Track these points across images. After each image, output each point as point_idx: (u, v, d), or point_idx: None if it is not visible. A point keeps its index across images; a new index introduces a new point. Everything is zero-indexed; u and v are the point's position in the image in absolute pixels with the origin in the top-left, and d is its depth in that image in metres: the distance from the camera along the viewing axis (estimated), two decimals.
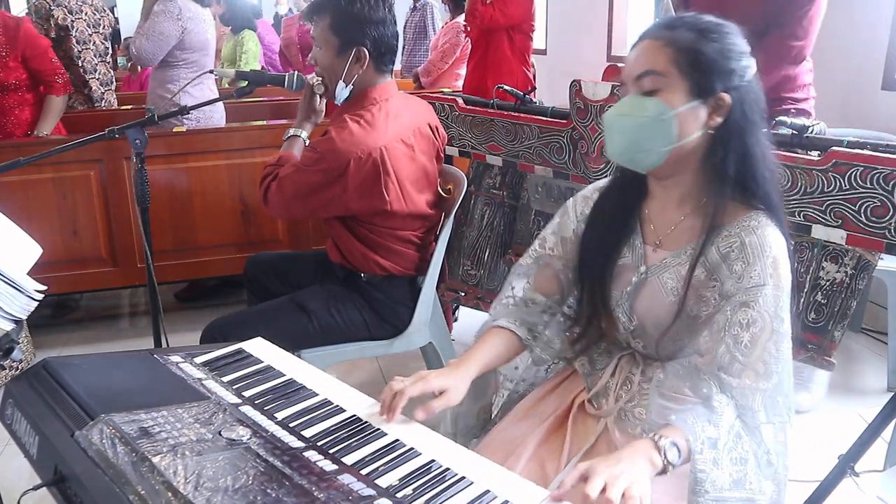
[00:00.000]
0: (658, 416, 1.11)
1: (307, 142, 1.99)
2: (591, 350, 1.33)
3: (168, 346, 2.04)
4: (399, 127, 1.86)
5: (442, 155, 2.08)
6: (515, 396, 1.40)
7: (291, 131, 1.99)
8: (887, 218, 1.50)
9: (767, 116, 1.20)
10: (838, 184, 1.56)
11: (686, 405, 1.07)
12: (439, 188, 2.05)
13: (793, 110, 2.16)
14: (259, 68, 5.32)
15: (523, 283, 1.35)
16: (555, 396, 1.32)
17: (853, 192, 1.54)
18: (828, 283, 1.65)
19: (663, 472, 0.99)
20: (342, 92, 1.89)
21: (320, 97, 1.97)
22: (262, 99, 3.77)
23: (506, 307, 1.35)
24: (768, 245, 1.10)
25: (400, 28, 5.87)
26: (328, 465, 0.95)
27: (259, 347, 1.34)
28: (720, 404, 1.05)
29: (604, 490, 0.90)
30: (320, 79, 1.92)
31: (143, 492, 0.84)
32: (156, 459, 0.89)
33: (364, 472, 0.95)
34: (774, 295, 1.08)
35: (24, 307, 1.12)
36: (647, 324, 1.22)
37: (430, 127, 2.00)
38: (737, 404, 1.06)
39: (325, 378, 1.22)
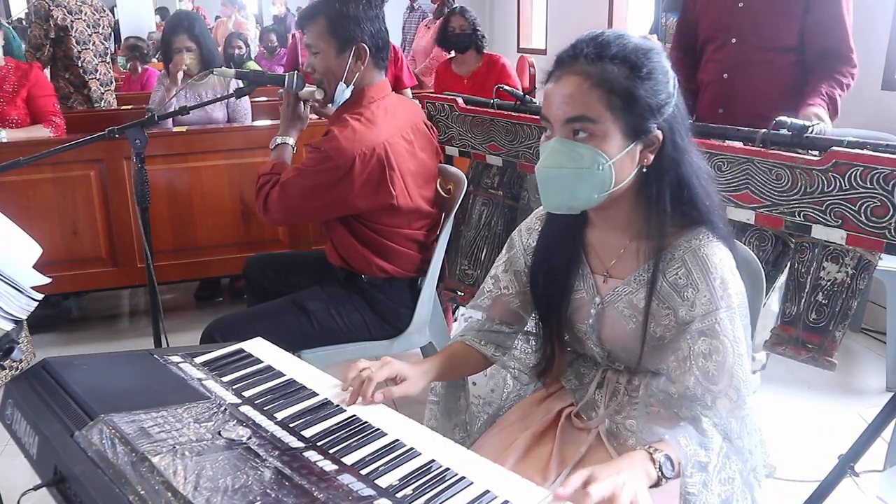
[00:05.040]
0: (649, 435, 1.11)
1: (295, 148, 2.00)
2: (576, 365, 1.33)
3: (168, 346, 2.04)
4: (398, 123, 1.88)
5: (440, 151, 2.08)
6: (502, 413, 1.40)
7: (278, 139, 1.99)
8: (887, 218, 1.50)
9: None
10: (838, 184, 1.56)
11: (675, 425, 1.08)
12: (439, 188, 2.05)
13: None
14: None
15: (482, 317, 1.35)
16: (542, 407, 1.32)
17: (853, 192, 1.54)
18: (829, 284, 1.65)
19: (657, 484, 0.99)
20: (343, 93, 1.90)
21: (306, 104, 1.97)
22: (262, 99, 3.77)
23: (469, 328, 1.35)
24: (713, 265, 1.08)
25: (399, 28, 5.90)
26: (328, 465, 0.95)
27: (259, 347, 1.34)
28: (709, 427, 1.05)
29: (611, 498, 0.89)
30: (314, 88, 1.92)
31: (142, 492, 0.84)
32: (155, 459, 0.89)
33: (364, 472, 0.95)
34: (729, 317, 1.06)
35: (24, 307, 1.11)
36: (617, 349, 1.23)
37: (426, 124, 2.02)
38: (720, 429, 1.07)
39: (325, 378, 1.22)
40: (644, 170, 1.09)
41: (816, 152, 1.66)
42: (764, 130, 1.74)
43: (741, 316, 1.08)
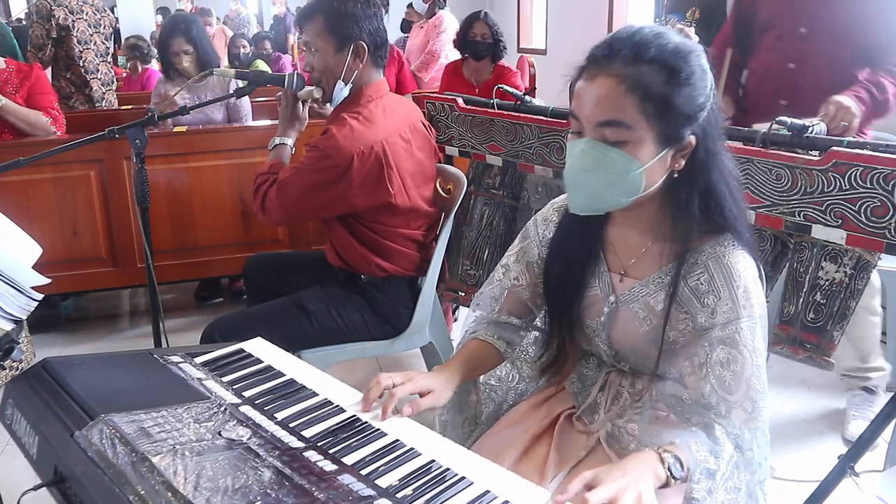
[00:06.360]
0: (655, 440, 1.10)
1: (293, 149, 2.00)
2: (580, 366, 1.32)
3: (168, 346, 2.05)
4: (396, 122, 1.89)
5: (438, 151, 2.08)
6: (506, 406, 1.40)
7: (277, 140, 1.99)
8: (887, 218, 1.50)
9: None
10: (838, 184, 1.56)
11: (686, 430, 1.07)
12: (439, 188, 2.05)
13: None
14: None
15: (491, 308, 1.33)
16: (543, 409, 1.31)
17: (853, 192, 1.54)
18: (827, 283, 1.65)
19: (666, 485, 0.99)
20: (341, 92, 1.90)
21: (304, 104, 1.97)
22: (262, 99, 3.77)
23: (480, 322, 1.34)
24: (737, 274, 1.07)
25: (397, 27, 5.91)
26: (328, 466, 0.95)
27: (259, 347, 1.34)
28: (722, 435, 1.05)
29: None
30: (313, 88, 1.92)
31: (142, 492, 0.84)
32: (156, 459, 0.89)
33: (364, 472, 0.95)
34: (749, 327, 1.05)
35: (24, 307, 1.11)
36: (626, 350, 1.22)
37: (423, 124, 2.02)
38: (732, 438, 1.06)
39: (325, 378, 1.22)
40: (675, 175, 1.07)
41: (816, 152, 1.66)
42: (764, 130, 1.74)
43: (762, 326, 1.07)
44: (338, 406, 1.12)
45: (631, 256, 1.18)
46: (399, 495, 0.90)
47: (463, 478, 0.95)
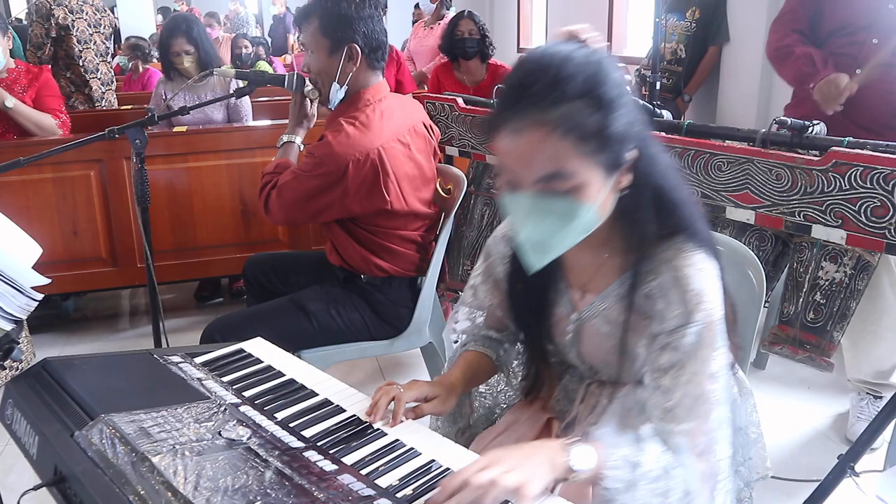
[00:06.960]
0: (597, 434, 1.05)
1: (302, 147, 2.00)
2: (565, 380, 1.29)
3: (168, 346, 2.05)
4: (394, 126, 1.87)
5: (439, 152, 2.08)
6: (498, 411, 1.39)
7: (285, 138, 1.99)
8: (887, 218, 1.50)
9: None
10: (838, 184, 1.56)
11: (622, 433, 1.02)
12: (439, 188, 2.05)
13: None
14: None
15: (468, 324, 1.32)
16: (532, 412, 1.28)
17: (853, 192, 1.54)
18: (827, 284, 1.65)
19: (564, 479, 0.94)
20: (337, 94, 1.89)
21: (312, 102, 1.97)
22: (262, 99, 3.78)
23: (467, 336, 1.33)
24: (689, 277, 1.00)
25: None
26: (328, 465, 0.95)
27: (259, 347, 1.34)
28: (648, 432, 0.99)
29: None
30: (311, 86, 1.92)
31: (142, 492, 0.84)
32: (156, 459, 0.89)
33: (364, 472, 0.95)
34: (696, 332, 0.99)
35: (23, 307, 1.11)
36: (598, 363, 1.19)
37: (425, 125, 2.01)
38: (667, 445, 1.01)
39: (325, 378, 1.22)
40: (625, 192, 1.02)
41: (816, 152, 1.67)
42: (764, 130, 1.75)
43: (719, 329, 1.02)
44: (338, 406, 1.13)
45: (589, 271, 1.15)
46: (399, 495, 0.90)
47: None
